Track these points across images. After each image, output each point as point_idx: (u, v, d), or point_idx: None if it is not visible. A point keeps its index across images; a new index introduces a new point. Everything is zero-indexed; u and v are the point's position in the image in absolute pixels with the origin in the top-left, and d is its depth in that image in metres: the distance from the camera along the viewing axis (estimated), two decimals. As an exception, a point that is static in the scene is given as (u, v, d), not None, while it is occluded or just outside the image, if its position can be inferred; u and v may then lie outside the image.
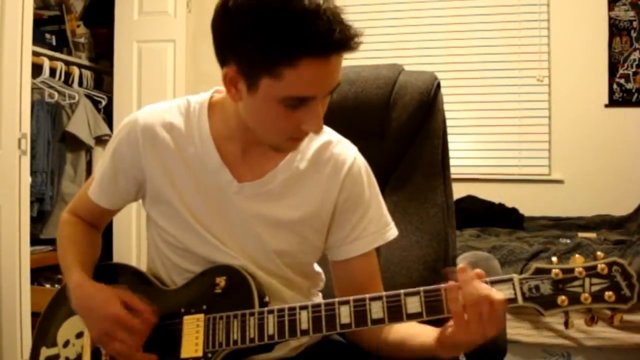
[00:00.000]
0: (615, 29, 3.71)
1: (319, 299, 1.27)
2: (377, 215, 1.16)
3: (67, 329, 1.18)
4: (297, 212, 1.12)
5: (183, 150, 1.11)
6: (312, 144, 1.14)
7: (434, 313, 0.96)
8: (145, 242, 1.27)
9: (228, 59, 0.97)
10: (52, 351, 1.18)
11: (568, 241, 2.78)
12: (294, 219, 1.12)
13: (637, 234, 2.91)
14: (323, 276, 1.27)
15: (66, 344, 1.17)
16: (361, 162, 1.16)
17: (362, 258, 1.15)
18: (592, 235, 2.96)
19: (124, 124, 1.15)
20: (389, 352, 1.11)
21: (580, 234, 2.97)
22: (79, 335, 1.16)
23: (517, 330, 2.38)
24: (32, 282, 2.64)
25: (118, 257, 3.34)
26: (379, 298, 0.98)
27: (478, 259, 1.51)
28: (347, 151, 1.15)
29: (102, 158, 1.21)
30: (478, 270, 0.96)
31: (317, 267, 1.26)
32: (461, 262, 1.50)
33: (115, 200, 1.20)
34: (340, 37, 0.92)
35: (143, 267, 1.26)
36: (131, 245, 3.42)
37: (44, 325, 1.22)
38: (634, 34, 3.68)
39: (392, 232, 1.18)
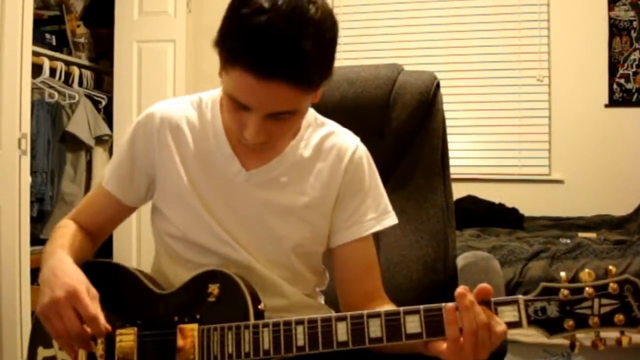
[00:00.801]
0: (615, 29, 3.71)
1: (321, 299, 1.28)
2: (375, 202, 1.18)
3: None
4: (303, 198, 1.14)
5: (197, 144, 1.15)
6: (315, 134, 1.18)
7: (434, 334, 0.93)
8: (145, 242, 1.27)
9: None
10: (49, 352, 1.17)
11: (568, 241, 2.78)
12: (301, 205, 1.14)
13: (637, 234, 2.91)
14: (327, 274, 1.28)
15: None
16: (363, 150, 1.20)
17: (359, 245, 1.16)
18: (592, 235, 2.96)
19: (140, 117, 1.19)
20: (378, 347, 1.10)
21: (580, 234, 2.98)
22: None
23: (517, 330, 2.38)
24: (32, 282, 2.64)
25: (118, 257, 3.34)
26: (377, 315, 0.95)
27: (478, 259, 1.51)
28: (349, 140, 1.19)
29: (116, 151, 1.22)
30: (484, 285, 0.93)
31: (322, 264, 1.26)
32: (461, 262, 1.51)
33: (129, 192, 1.19)
34: (271, 65, 0.92)
35: (143, 267, 1.25)
36: (131, 245, 3.42)
37: (40, 326, 1.21)
38: (634, 34, 3.68)
39: (391, 219, 1.20)
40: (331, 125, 1.20)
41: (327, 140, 1.18)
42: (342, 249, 1.17)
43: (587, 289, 0.88)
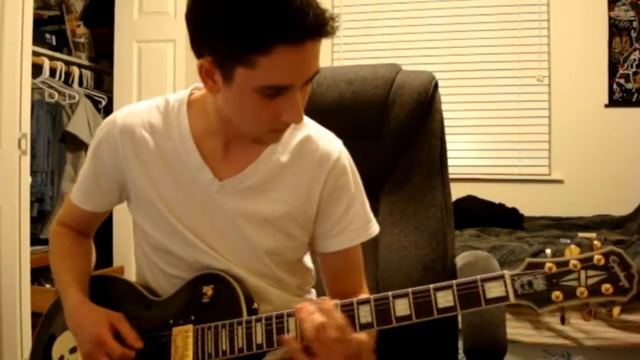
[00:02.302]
0: (615, 29, 3.71)
1: (312, 295, 1.26)
2: (360, 212, 1.15)
3: (61, 344, 1.18)
4: (280, 207, 1.09)
5: (163, 150, 1.09)
6: (294, 136, 1.10)
7: (423, 315, 0.95)
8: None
9: (202, 50, 0.95)
10: None
11: (568, 241, 2.78)
12: (278, 214, 1.10)
13: (637, 234, 2.91)
14: (314, 273, 1.25)
15: (61, 359, 1.17)
16: (346, 156, 1.14)
17: (345, 251, 1.15)
18: (592, 235, 2.96)
19: (102, 125, 1.14)
20: None
21: (580, 234, 2.97)
22: (72, 350, 1.15)
23: (517, 330, 2.38)
24: (32, 282, 2.64)
25: (118, 257, 3.34)
26: (367, 302, 0.96)
27: (477, 258, 1.51)
28: (332, 145, 1.13)
29: (84, 164, 1.19)
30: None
31: (308, 263, 1.24)
32: (460, 261, 1.51)
33: (99, 203, 1.19)
34: (315, 22, 0.89)
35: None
36: (131, 245, 3.41)
37: (40, 340, 1.22)
38: (634, 34, 3.68)
39: (374, 228, 1.17)
40: (310, 127, 1.13)
41: (307, 145, 1.10)
42: (328, 255, 1.16)
43: (572, 261, 0.89)
